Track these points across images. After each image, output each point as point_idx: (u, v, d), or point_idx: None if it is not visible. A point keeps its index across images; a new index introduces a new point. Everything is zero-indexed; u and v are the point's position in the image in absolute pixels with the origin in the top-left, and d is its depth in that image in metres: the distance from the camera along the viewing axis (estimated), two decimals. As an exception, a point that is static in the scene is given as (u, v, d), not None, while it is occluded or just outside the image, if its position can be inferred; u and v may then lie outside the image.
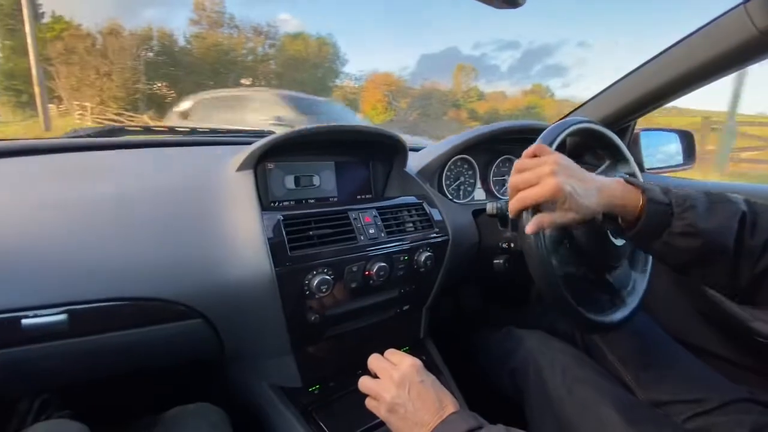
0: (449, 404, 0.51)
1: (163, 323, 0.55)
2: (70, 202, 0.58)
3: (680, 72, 0.82)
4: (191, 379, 0.86)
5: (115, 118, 14.75)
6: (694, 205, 0.54)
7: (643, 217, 0.54)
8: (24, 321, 0.47)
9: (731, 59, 0.74)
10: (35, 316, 0.48)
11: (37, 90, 10.31)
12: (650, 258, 0.74)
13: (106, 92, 20.15)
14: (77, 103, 16.76)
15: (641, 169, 1.08)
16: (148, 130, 1.08)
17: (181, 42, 25.54)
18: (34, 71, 10.10)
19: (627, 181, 0.57)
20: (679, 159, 1.16)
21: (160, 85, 23.93)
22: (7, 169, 0.66)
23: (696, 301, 0.86)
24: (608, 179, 0.57)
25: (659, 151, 1.14)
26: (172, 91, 23.37)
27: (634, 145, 1.10)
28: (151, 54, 23.61)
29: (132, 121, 14.68)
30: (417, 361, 0.56)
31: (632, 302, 0.72)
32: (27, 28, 9.83)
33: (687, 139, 1.17)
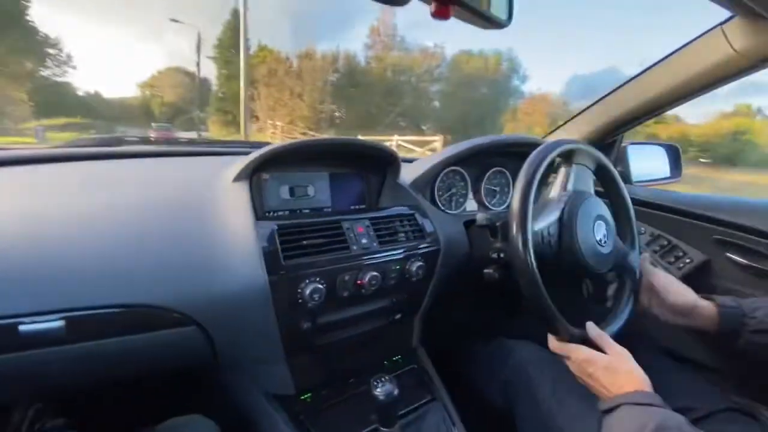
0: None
1: (158, 330, 0.56)
2: (67, 211, 0.59)
3: (663, 89, 0.85)
4: (183, 390, 0.86)
5: (301, 137, 16.32)
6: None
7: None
8: (21, 327, 0.48)
9: (710, 77, 0.77)
10: (32, 322, 0.49)
11: (242, 110, 11.77)
12: (637, 270, 0.76)
13: (296, 111, 22.44)
14: (271, 122, 18.64)
15: (629, 181, 1.11)
16: (146, 140, 1.10)
17: (362, 64, 26.54)
18: (242, 94, 11.43)
19: None
20: (666, 172, 1.19)
21: (338, 105, 25.24)
22: (6, 178, 0.68)
23: None
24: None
25: (646, 164, 1.17)
26: (351, 112, 24.89)
27: (621, 158, 1.13)
28: (335, 76, 25.10)
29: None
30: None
31: (621, 315, 0.73)
32: (241, 56, 11.23)
33: (673, 152, 1.20)
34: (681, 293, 0.71)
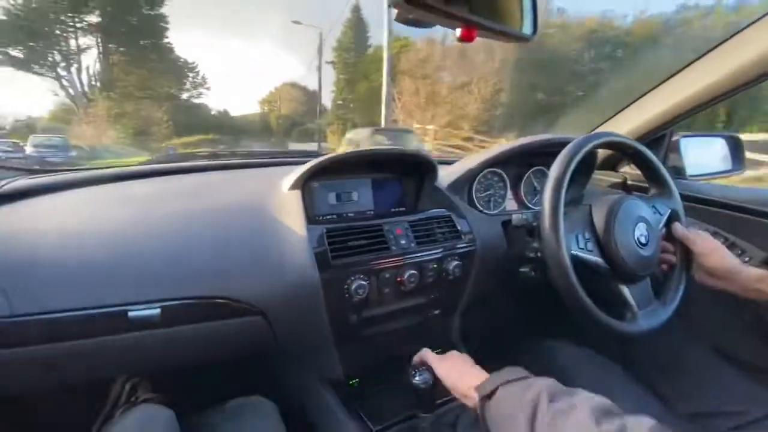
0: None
1: (231, 318, 0.67)
2: (159, 220, 0.73)
3: (709, 82, 0.82)
4: (246, 373, 0.98)
5: (462, 144, 11.75)
6: None
7: None
8: (130, 313, 0.61)
9: (758, 69, 0.73)
10: (137, 309, 0.61)
11: (383, 111, 10.01)
12: (687, 254, 0.74)
13: (458, 110, 15.68)
14: (419, 126, 13.56)
15: (683, 176, 1.06)
16: (214, 155, 1.25)
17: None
18: (384, 93, 9.78)
19: None
20: (727, 164, 1.12)
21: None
22: (108, 193, 0.83)
23: (737, 311, 0.84)
24: None
25: (703, 157, 1.11)
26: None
27: (674, 152, 1.08)
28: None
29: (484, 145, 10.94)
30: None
31: (670, 304, 0.72)
32: (384, 37, 9.34)
33: (734, 143, 1.12)
34: (720, 256, 0.69)
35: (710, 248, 0.70)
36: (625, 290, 0.70)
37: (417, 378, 0.65)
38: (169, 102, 21.01)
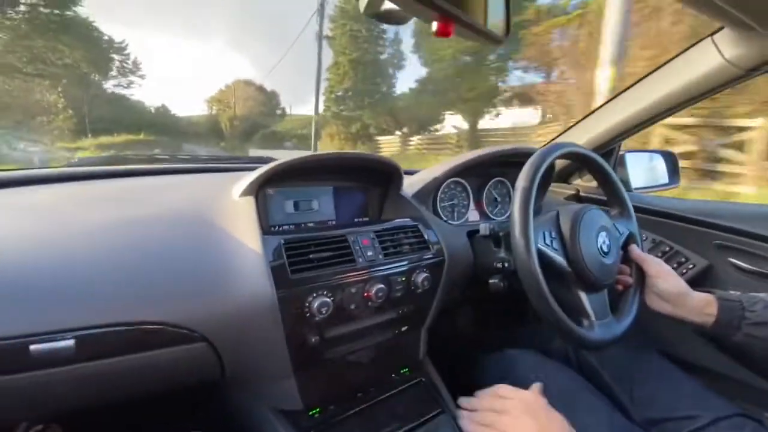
0: None
1: (167, 347, 0.56)
2: (74, 230, 0.60)
3: (658, 97, 0.87)
4: (184, 407, 0.85)
5: None
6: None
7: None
8: (32, 347, 0.48)
9: (703, 86, 0.79)
10: (43, 341, 0.49)
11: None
12: (642, 275, 0.77)
13: None
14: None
15: (628, 188, 1.13)
16: (151, 159, 1.11)
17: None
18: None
19: None
20: (665, 178, 1.21)
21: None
22: (10, 199, 0.68)
23: None
24: None
25: (644, 171, 1.19)
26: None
27: (620, 165, 1.15)
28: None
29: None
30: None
31: (624, 320, 0.74)
32: None
33: (671, 159, 1.22)
34: (671, 280, 0.72)
35: (662, 272, 0.74)
36: (585, 298, 0.71)
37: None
38: (81, 88, 15.16)
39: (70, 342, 0.50)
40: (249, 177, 0.72)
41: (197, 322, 0.57)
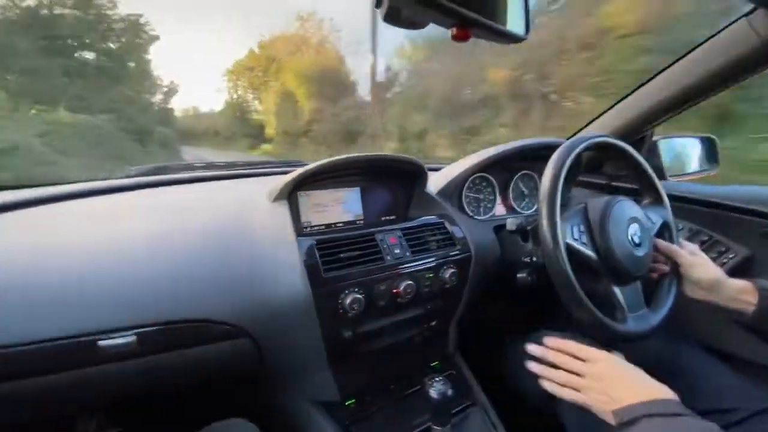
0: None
1: (215, 342, 0.62)
2: (131, 238, 0.66)
3: (690, 82, 0.84)
4: (228, 396, 0.91)
5: None
6: None
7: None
8: (100, 342, 0.54)
9: (738, 68, 0.75)
10: (109, 338, 0.55)
11: None
12: (675, 275, 0.75)
13: None
14: None
15: (662, 176, 1.08)
16: (189, 167, 1.17)
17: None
18: None
19: None
20: (703, 164, 1.15)
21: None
22: (75, 209, 0.75)
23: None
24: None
25: (680, 157, 1.14)
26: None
27: (652, 153, 1.11)
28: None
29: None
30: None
31: (660, 311, 0.72)
32: None
33: (709, 144, 1.16)
34: (705, 268, 0.71)
35: (695, 261, 0.73)
36: (617, 291, 0.69)
37: (432, 389, 0.62)
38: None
39: (132, 338, 0.55)
40: (281, 181, 0.76)
41: (239, 319, 0.62)
